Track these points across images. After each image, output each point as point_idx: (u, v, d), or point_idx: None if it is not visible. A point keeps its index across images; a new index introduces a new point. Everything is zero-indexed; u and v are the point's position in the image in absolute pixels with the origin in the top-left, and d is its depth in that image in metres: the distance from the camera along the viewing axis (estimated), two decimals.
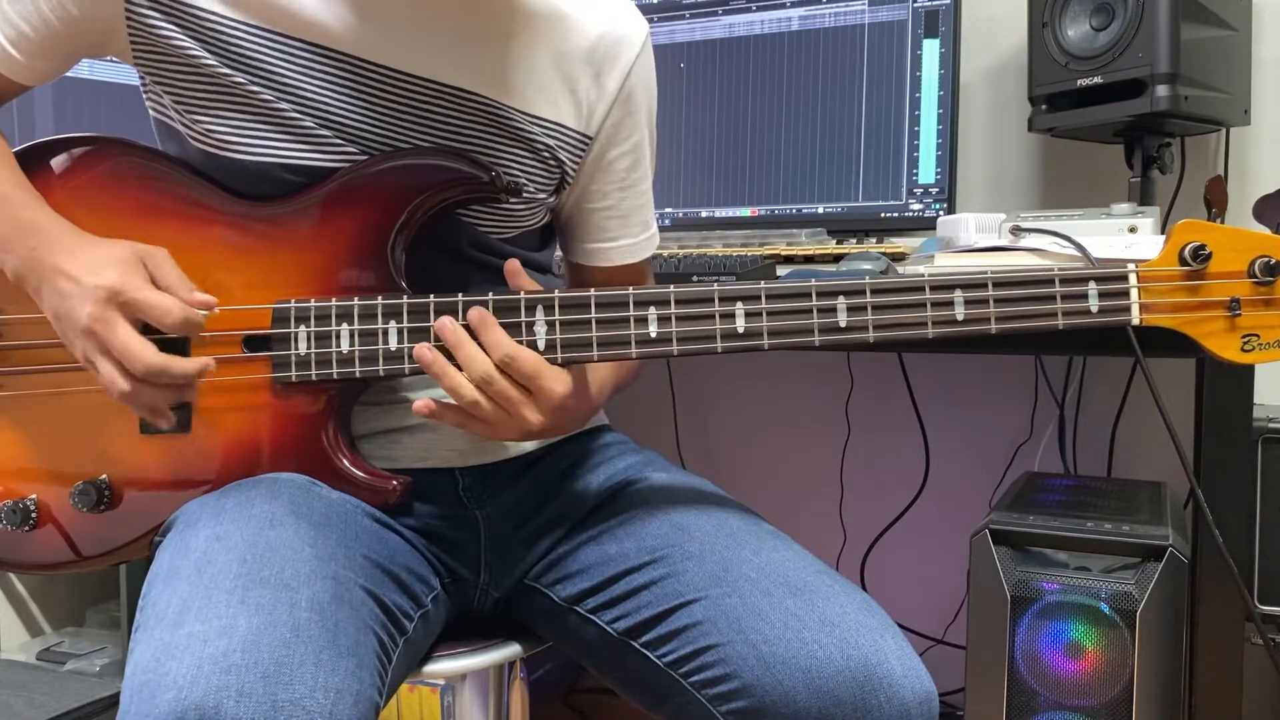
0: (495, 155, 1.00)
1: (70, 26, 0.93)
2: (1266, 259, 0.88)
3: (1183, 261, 0.88)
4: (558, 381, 0.89)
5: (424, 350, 0.89)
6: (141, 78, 0.98)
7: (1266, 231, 0.91)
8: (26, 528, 0.95)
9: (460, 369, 0.88)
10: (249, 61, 0.92)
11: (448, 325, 0.89)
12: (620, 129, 1.07)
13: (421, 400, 0.89)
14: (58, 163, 0.96)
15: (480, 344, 0.88)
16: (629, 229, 1.11)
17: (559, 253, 1.17)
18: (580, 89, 1.03)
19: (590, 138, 1.05)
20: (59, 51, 0.95)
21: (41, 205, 0.92)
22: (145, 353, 0.85)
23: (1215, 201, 1.19)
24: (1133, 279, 0.89)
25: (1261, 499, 1.34)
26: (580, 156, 1.06)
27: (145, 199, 0.95)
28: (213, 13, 0.92)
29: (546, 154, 1.03)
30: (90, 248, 0.88)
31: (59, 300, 0.87)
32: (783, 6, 1.73)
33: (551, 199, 1.06)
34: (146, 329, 0.86)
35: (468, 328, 0.89)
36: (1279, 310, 0.88)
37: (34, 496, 0.95)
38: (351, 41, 0.94)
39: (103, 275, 0.85)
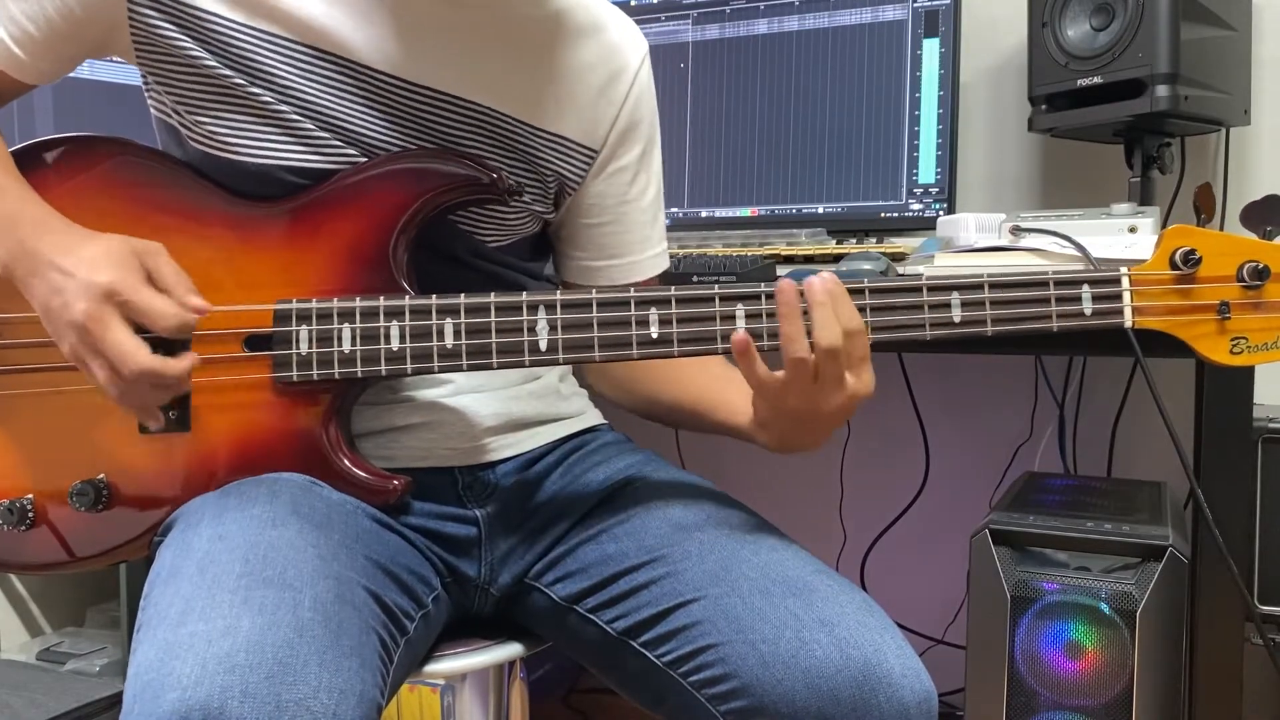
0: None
1: (73, 25, 0.93)
2: (1254, 264, 0.89)
3: (1173, 265, 0.89)
4: (869, 383, 0.88)
5: (788, 290, 0.85)
6: (144, 77, 0.98)
7: (1254, 237, 0.92)
8: (23, 528, 0.95)
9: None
10: (250, 64, 0.92)
11: (816, 284, 0.85)
12: (623, 142, 1.07)
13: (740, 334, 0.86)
14: (55, 162, 0.96)
15: (835, 311, 0.85)
16: (630, 246, 1.11)
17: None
18: (585, 103, 1.04)
19: (595, 152, 1.06)
20: (62, 51, 0.95)
21: (32, 196, 0.91)
22: (138, 354, 0.84)
23: (1204, 207, 1.19)
24: (1125, 282, 0.90)
25: (1261, 499, 1.34)
26: (584, 170, 1.06)
27: (144, 199, 0.95)
28: (214, 14, 0.92)
29: (545, 168, 1.03)
30: (85, 242, 0.87)
31: (50, 294, 0.86)
32: (784, 7, 1.73)
33: (548, 213, 1.07)
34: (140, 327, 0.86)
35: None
36: (1267, 314, 0.90)
37: (31, 496, 0.95)
38: (352, 47, 0.94)
39: (99, 271, 0.85)
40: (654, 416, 1.12)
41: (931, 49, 1.63)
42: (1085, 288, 0.89)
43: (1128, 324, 0.90)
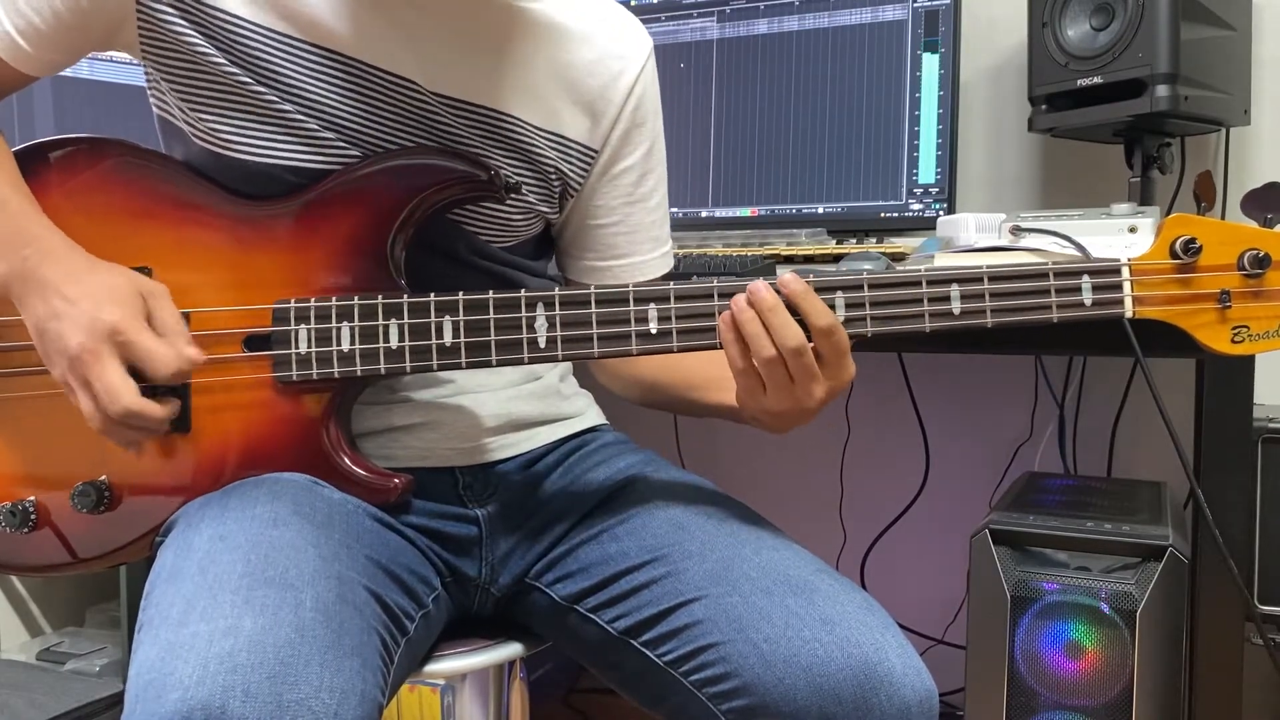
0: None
1: (80, 17, 0.93)
2: (1255, 252, 0.89)
3: (1174, 255, 0.89)
4: (850, 368, 0.89)
5: (739, 300, 0.87)
6: (147, 74, 0.98)
7: (1254, 225, 0.92)
8: (25, 530, 0.95)
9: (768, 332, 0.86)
10: (255, 61, 0.92)
11: (761, 290, 0.86)
12: (626, 142, 1.07)
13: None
14: (56, 163, 0.96)
15: (801, 311, 0.86)
16: (638, 246, 1.11)
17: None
18: (586, 102, 1.04)
19: (596, 151, 1.06)
20: (67, 43, 0.95)
21: (38, 214, 0.92)
22: (125, 395, 0.85)
23: (1204, 196, 1.19)
24: (1125, 272, 0.90)
25: (1261, 499, 1.34)
26: (586, 170, 1.06)
27: (144, 200, 0.95)
28: (223, 10, 0.92)
29: (548, 166, 1.03)
30: (90, 272, 0.88)
31: (49, 318, 0.86)
32: (784, 7, 1.73)
33: (553, 213, 1.06)
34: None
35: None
36: (1268, 302, 0.89)
37: (33, 498, 0.95)
38: (357, 46, 0.94)
39: (104, 308, 0.85)
40: (651, 403, 1.12)
41: (931, 49, 1.63)
42: (1085, 278, 0.89)
43: (1128, 314, 0.90)
